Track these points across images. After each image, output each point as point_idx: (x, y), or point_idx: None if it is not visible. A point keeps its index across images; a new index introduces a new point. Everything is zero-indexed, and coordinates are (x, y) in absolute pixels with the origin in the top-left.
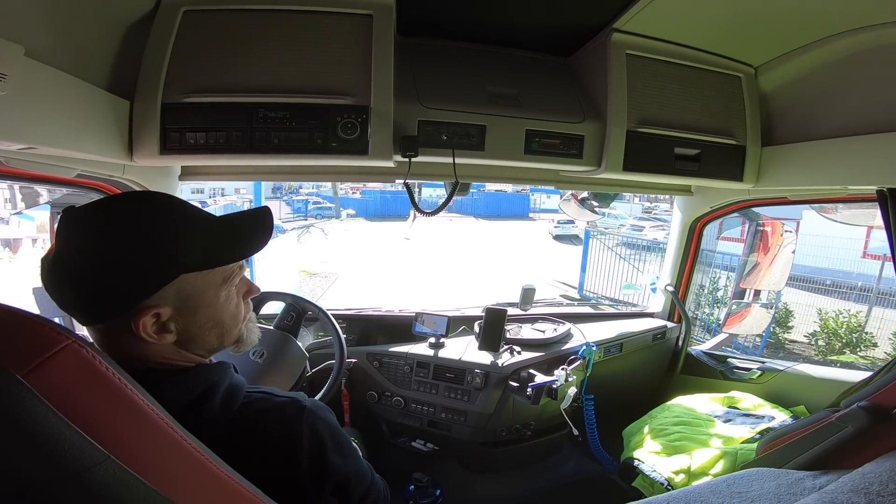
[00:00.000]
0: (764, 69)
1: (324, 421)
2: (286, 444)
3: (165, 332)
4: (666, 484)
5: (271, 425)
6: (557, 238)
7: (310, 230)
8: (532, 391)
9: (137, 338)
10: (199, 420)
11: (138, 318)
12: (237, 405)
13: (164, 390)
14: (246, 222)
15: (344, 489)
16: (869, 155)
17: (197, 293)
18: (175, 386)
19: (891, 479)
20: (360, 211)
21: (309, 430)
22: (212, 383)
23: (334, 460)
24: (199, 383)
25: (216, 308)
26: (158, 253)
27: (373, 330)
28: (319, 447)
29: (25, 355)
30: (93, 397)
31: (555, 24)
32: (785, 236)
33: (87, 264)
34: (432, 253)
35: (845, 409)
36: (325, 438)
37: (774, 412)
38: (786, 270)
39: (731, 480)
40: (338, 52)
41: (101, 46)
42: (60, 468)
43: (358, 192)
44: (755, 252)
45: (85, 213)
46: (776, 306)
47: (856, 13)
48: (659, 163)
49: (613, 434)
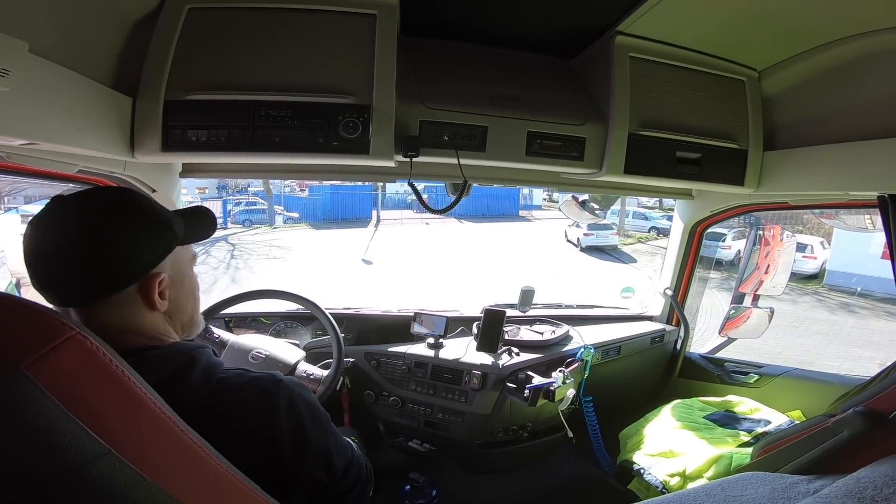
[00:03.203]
0: (767, 73)
1: (300, 395)
2: (264, 414)
3: (163, 300)
4: (661, 487)
5: (249, 397)
6: (588, 250)
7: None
8: (529, 393)
9: (139, 306)
10: (179, 391)
11: (151, 282)
12: (216, 379)
13: (147, 361)
14: (200, 212)
15: (326, 463)
16: (870, 161)
17: (182, 265)
18: (158, 357)
19: (885, 483)
20: (306, 214)
21: (285, 402)
22: (191, 357)
23: (312, 433)
24: (179, 356)
25: (192, 281)
26: (164, 223)
27: (371, 329)
28: (297, 418)
29: (28, 346)
30: (96, 389)
31: (558, 25)
32: (785, 241)
33: (108, 238)
34: (404, 282)
35: (841, 413)
36: (302, 410)
37: (771, 416)
38: (786, 275)
39: (725, 484)
40: (341, 52)
41: (104, 43)
42: (62, 461)
43: (306, 190)
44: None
45: (89, 196)
46: None
47: (860, 18)
48: (660, 166)
49: (610, 437)
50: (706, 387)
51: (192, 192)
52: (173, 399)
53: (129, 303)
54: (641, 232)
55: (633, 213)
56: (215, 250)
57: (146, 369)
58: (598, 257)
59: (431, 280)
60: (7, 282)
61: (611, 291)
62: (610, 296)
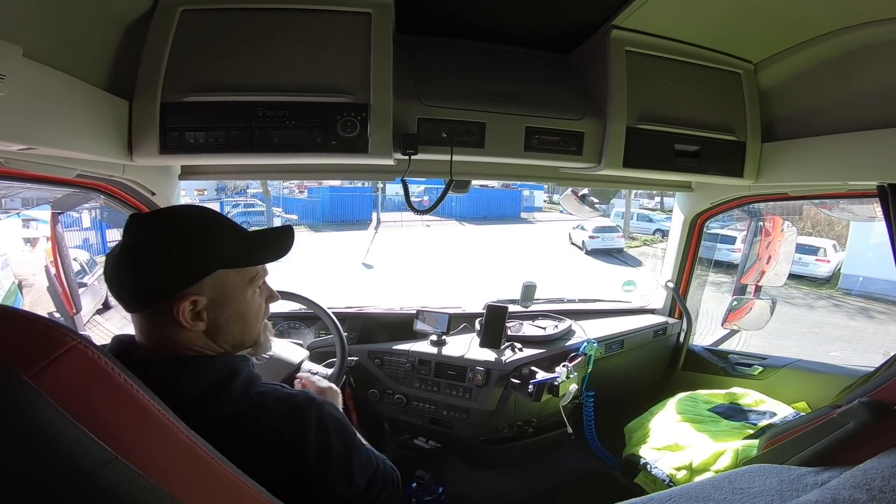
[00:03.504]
0: (764, 65)
1: (329, 414)
2: (296, 427)
3: (198, 320)
4: (668, 480)
5: (283, 410)
6: (593, 253)
7: None
8: (533, 388)
9: (175, 322)
10: (220, 401)
11: (179, 304)
12: (255, 391)
13: (189, 372)
14: (271, 234)
15: (348, 478)
16: (869, 150)
17: (229, 288)
18: (201, 368)
19: (893, 474)
20: (305, 215)
21: (315, 418)
22: (233, 368)
23: (337, 448)
24: (223, 367)
25: (243, 304)
26: (200, 249)
27: (374, 328)
28: (325, 435)
29: (32, 356)
30: (99, 397)
31: (554, 20)
32: (786, 232)
33: (146, 257)
34: (407, 286)
35: (847, 405)
36: (330, 427)
37: (776, 408)
38: (787, 266)
39: (732, 476)
40: (337, 51)
41: (99, 46)
42: (69, 468)
43: (304, 191)
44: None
45: (145, 217)
46: None
47: (855, 9)
48: (659, 159)
49: (615, 430)
50: (710, 379)
51: (190, 193)
52: (214, 407)
53: (165, 318)
54: (646, 234)
55: (637, 214)
56: None
57: (187, 376)
58: (605, 260)
59: (435, 285)
60: (11, 282)
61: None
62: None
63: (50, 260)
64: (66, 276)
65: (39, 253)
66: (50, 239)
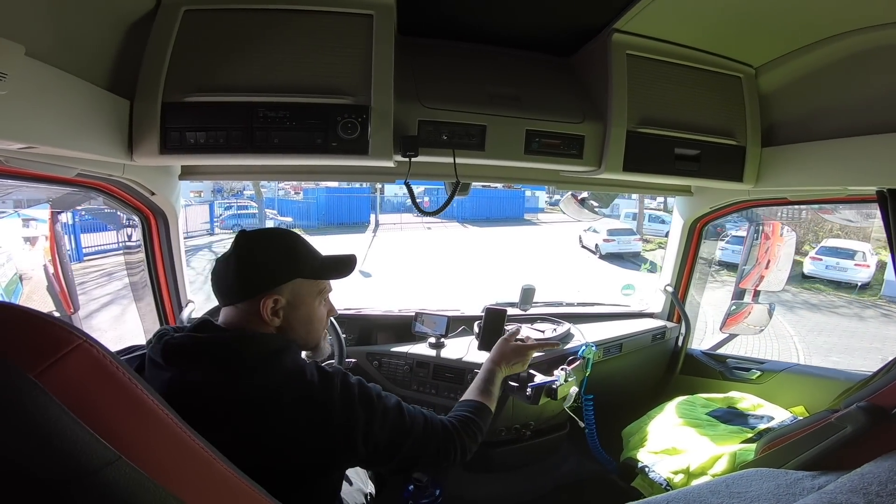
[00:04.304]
0: (764, 70)
1: (356, 383)
2: (324, 394)
3: (275, 317)
4: (665, 484)
5: (316, 379)
6: (608, 257)
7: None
8: (531, 391)
9: (258, 315)
10: (276, 367)
11: (265, 299)
12: (298, 363)
13: (255, 341)
14: (339, 258)
15: (367, 436)
16: (869, 155)
17: (302, 295)
18: (262, 339)
19: (890, 479)
20: (300, 218)
21: (339, 383)
22: (287, 344)
23: (358, 411)
24: (281, 341)
25: (311, 310)
26: (287, 260)
27: (372, 330)
28: (349, 398)
29: (38, 355)
30: (103, 397)
31: (555, 24)
32: (785, 236)
33: (247, 262)
34: (409, 297)
35: (844, 409)
36: (354, 392)
37: (774, 412)
38: (786, 271)
39: (730, 481)
40: (338, 52)
41: (101, 46)
42: (73, 467)
43: (300, 193)
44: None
45: (252, 233)
46: None
47: (856, 14)
48: (659, 163)
49: (613, 434)
50: (708, 383)
51: (185, 194)
52: (269, 372)
53: (250, 311)
54: (660, 236)
55: (648, 215)
56: (196, 260)
57: (254, 343)
58: (620, 265)
59: (442, 296)
60: (13, 273)
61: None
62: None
63: (48, 259)
64: (64, 275)
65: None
66: (48, 238)
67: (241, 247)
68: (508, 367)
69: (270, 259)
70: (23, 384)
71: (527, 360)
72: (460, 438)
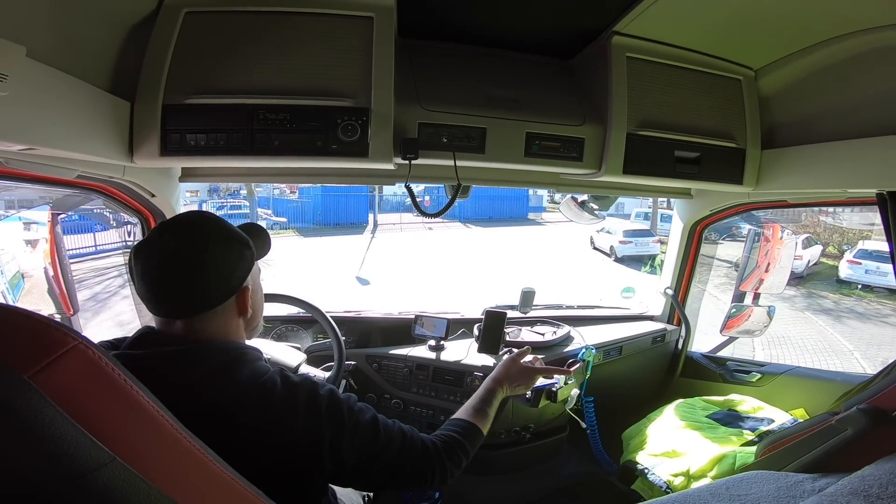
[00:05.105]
0: (764, 72)
1: (326, 395)
2: (286, 406)
3: (250, 308)
4: (665, 487)
5: (282, 391)
6: (623, 260)
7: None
8: (532, 394)
9: (236, 314)
10: (238, 374)
11: (245, 293)
12: (259, 371)
13: (212, 350)
14: (257, 230)
15: (338, 455)
16: (868, 158)
17: (256, 278)
18: (220, 348)
19: (890, 481)
20: (296, 218)
21: (304, 398)
22: (244, 349)
23: (326, 428)
24: (237, 347)
25: (261, 291)
26: (246, 244)
27: (372, 332)
28: (314, 412)
29: (32, 356)
30: (99, 398)
31: (555, 26)
32: (784, 239)
33: (213, 260)
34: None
35: (845, 411)
36: (321, 405)
37: (774, 415)
38: (786, 273)
39: (730, 483)
40: (338, 54)
41: (102, 48)
42: (67, 469)
43: (296, 192)
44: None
45: (181, 224)
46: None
47: (855, 16)
48: (659, 166)
49: (613, 436)
50: (708, 386)
51: (181, 194)
52: (232, 381)
53: (227, 313)
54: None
55: (661, 215)
56: None
57: (210, 355)
58: (636, 268)
59: (444, 303)
60: (14, 271)
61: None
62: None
63: (48, 261)
64: (63, 277)
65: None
66: (48, 240)
67: (186, 244)
68: (511, 389)
69: (236, 250)
70: (17, 385)
71: (532, 384)
72: (440, 462)
